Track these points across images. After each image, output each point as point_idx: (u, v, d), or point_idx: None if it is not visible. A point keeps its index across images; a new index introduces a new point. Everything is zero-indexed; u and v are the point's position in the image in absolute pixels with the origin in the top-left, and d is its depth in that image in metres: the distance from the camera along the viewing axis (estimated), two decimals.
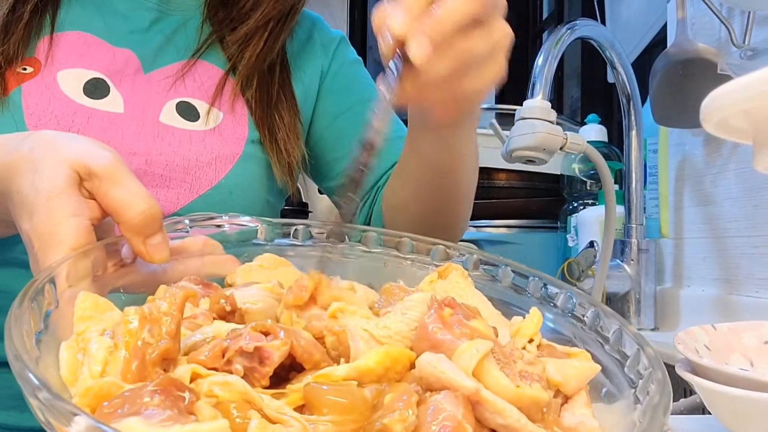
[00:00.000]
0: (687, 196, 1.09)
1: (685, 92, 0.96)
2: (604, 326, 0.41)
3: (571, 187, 1.40)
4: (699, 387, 0.43)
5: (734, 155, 0.98)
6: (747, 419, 0.41)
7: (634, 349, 0.38)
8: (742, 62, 0.91)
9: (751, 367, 0.51)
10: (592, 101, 2.08)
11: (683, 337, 0.49)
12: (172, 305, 0.34)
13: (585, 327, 0.43)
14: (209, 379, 0.31)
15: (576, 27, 1.00)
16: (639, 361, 0.37)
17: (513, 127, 0.93)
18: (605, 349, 0.41)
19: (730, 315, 0.94)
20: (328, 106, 0.84)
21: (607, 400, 0.38)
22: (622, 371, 0.38)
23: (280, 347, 0.33)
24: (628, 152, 1.12)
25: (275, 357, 0.33)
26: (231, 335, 0.34)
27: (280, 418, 0.29)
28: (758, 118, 0.37)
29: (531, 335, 0.40)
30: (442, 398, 0.31)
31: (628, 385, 0.37)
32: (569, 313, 0.44)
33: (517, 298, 0.47)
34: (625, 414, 0.36)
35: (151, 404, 0.27)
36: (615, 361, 0.39)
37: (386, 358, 0.34)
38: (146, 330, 0.32)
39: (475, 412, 0.32)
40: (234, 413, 0.29)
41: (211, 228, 0.49)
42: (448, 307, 0.37)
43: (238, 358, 0.33)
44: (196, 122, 0.72)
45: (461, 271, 0.47)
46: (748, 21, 0.92)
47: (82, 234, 0.40)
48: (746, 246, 0.94)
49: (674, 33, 1.03)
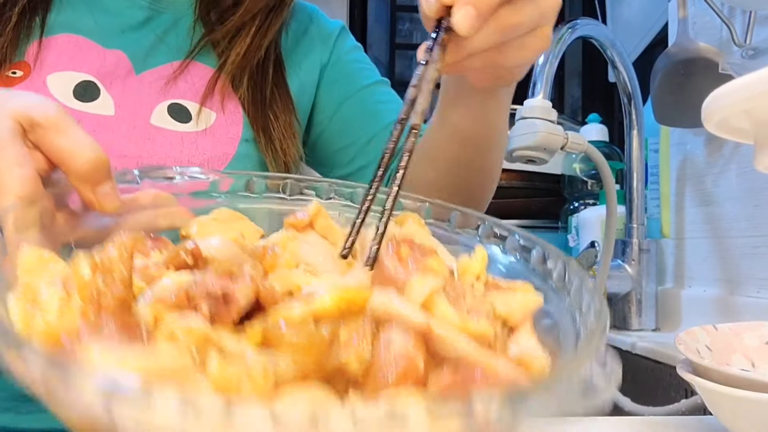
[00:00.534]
0: (688, 196, 1.09)
1: (686, 92, 0.96)
2: (549, 263, 0.42)
3: (572, 187, 1.39)
4: (700, 388, 0.43)
5: (735, 155, 0.98)
6: (748, 420, 0.41)
7: (576, 282, 0.38)
8: (744, 62, 0.91)
9: (752, 367, 0.51)
10: (593, 101, 2.08)
11: (684, 338, 0.49)
12: (122, 252, 0.33)
13: (530, 264, 0.43)
14: (170, 320, 0.31)
15: (577, 26, 1.00)
16: (582, 295, 0.37)
17: (514, 127, 0.93)
18: (549, 283, 0.41)
19: (732, 315, 0.93)
20: (331, 95, 0.82)
21: (549, 331, 0.39)
22: (563, 303, 0.39)
23: (246, 290, 0.33)
24: (629, 152, 1.12)
25: (242, 301, 0.33)
26: (196, 279, 0.34)
27: (240, 357, 0.30)
28: (759, 117, 0.37)
29: (477, 273, 0.41)
30: (395, 333, 0.32)
31: (570, 317, 0.38)
32: (516, 252, 0.45)
33: (468, 239, 0.48)
34: (564, 342, 0.37)
35: (109, 336, 0.28)
36: (557, 294, 0.40)
37: (343, 298, 0.34)
38: (99, 278, 0.32)
39: (426, 345, 0.32)
40: (194, 352, 0.29)
41: (161, 180, 0.48)
42: (406, 245, 0.38)
43: (204, 301, 0.32)
44: (188, 123, 0.72)
45: (417, 219, 0.47)
46: (750, 20, 0.92)
47: (28, 183, 0.40)
48: (748, 246, 0.94)
49: (675, 32, 1.03)
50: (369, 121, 0.81)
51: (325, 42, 0.84)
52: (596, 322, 0.34)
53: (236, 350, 0.30)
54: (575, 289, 0.38)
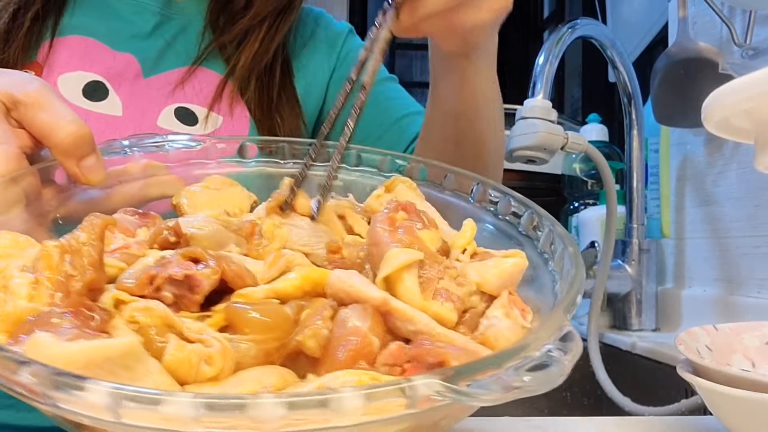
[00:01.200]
0: (688, 196, 1.09)
1: (686, 92, 0.96)
2: (538, 226, 0.42)
3: (572, 187, 1.39)
4: (700, 388, 0.43)
5: (736, 155, 0.98)
6: (748, 420, 0.41)
7: (560, 247, 0.38)
8: (744, 61, 0.91)
9: (752, 367, 0.51)
10: (593, 101, 2.08)
11: (684, 338, 0.49)
12: (91, 235, 0.33)
13: (521, 228, 0.43)
14: (130, 305, 0.31)
15: (577, 26, 1.00)
16: (563, 259, 0.37)
17: (514, 127, 0.93)
18: (536, 247, 0.41)
19: (732, 315, 0.93)
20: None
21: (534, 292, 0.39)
22: (546, 267, 0.39)
23: (210, 275, 0.33)
24: (629, 152, 1.12)
25: (205, 285, 0.32)
26: (160, 262, 0.34)
27: (200, 338, 0.30)
28: (759, 117, 0.37)
29: (464, 245, 0.40)
30: (350, 311, 0.32)
31: (550, 280, 0.38)
32: (506, 217, 0.45)
33: (461, 205, 0.47)
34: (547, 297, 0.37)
35: (59, 324, 0.27)
36: (543, 259, 0.40)
37: (305, 281, 0.34)
38: (67, 261, 0.32)
39: (386, 322, 0.32)
40: (153, 336, 0.29)
41: (150, 148, 0.48)
42: (405, 211, 0.38)
43: (167, 285, 0.32)
44: (194, 126, 0.72)
45: (409, 183, 0.47)
46: (750, 20, 0.92)
47: (12, 160, 0.40)
48: (748, 246, 0.94)
49: (675, 32, 1.03)
50: (380, 116, 0.82)
51: (333, 44, 0.85)
52: (566, 294, 0.33)
53: (197, 333, 0.30)
54: (558, 254, 0.38)
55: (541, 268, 0.39)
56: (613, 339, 1.06)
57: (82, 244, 0.33)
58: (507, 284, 0.37)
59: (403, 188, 0.46)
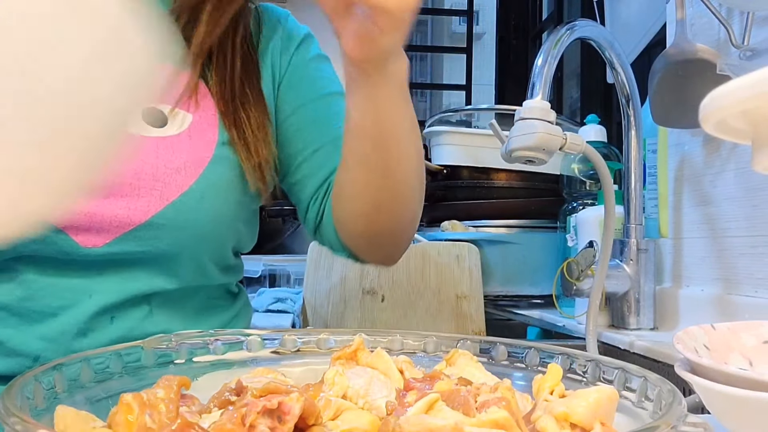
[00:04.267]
0: (686, 196, 1.09)
1: (684, 93, 0.96)
2: (606, 371, 0.44)
3: (571, 187, 1.40)
4: (698, 386, 0.43)
5: (733, 155, 0.98)
6: (746, 419, 0.41)
7: (641, 380, 0.41)
8: (741, 63, 0.91)
9: (750, 366, 0.51)
10: (591, 101, 2.08)
11: (682, 337, 0.49)
12: (168, 392, 0.34)
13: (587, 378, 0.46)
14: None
15: (575, 27, 1.00)
16: (647, 387, 0.40)
17: (512, 128, 0.93)
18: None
19: (729, 315, 0.94)
20: (287, 99, 0.82)
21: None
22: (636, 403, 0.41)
23: (298, 399, 0.34)
24: (627, 152, 1.12)
25: (296, 410, 0.33)
26: (241, 404, 0.34)
27: None
28: (757, 118, 0.37)
29: (552, 386, 0.41)
30: None
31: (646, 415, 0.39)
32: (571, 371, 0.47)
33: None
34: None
35: None
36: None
37: (374, 425, 0.37)
38: (147, 415, 0.33)
39: None
40: None
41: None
42: (408, 390, 0.40)
43: (260, 419, 0.33)
44: (164, 128, 0.71)
45: (468, 355, 0.49)
46: (747, 21, 0.92)
47: None
48: (745, 246, 0.94)
49: (673, 33, 1.03)
50: (320, 130, 0.81)
51: (289, 44, 0.84)
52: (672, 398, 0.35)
53: None
54: (656, 395, 0.40)
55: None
56: (612, 338, 1.06)
57: (160, 399, 0.34)
58: (598, 416, 0.36)
59: (464, 360, 0.48)
